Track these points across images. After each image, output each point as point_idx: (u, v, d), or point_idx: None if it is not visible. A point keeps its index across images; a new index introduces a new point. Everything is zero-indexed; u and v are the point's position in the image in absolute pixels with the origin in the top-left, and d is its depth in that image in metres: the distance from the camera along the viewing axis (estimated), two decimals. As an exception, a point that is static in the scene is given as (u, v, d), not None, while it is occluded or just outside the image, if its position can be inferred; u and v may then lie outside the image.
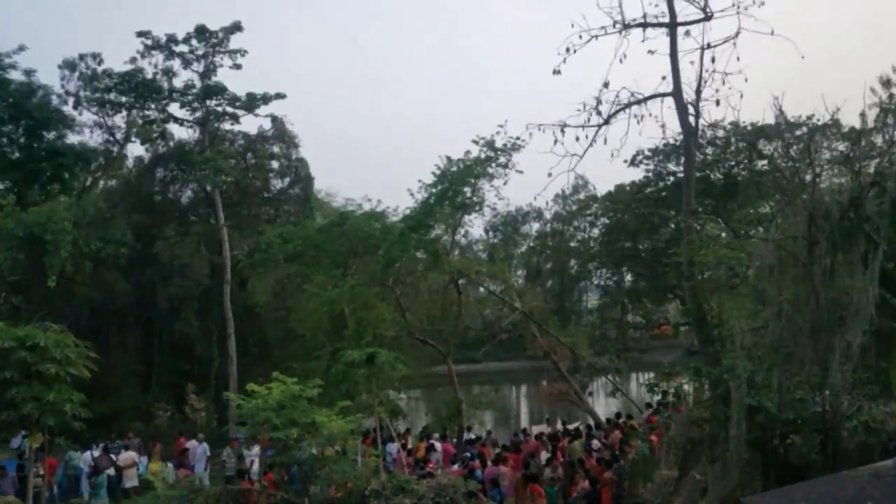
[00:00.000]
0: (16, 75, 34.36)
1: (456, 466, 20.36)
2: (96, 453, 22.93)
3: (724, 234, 27.45)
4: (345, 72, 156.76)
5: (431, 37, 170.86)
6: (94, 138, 37.88)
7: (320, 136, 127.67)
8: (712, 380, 15.42)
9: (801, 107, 37.63)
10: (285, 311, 33.37)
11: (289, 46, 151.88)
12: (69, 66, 37.08)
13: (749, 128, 35.96)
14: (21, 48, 34.38)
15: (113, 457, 23.23)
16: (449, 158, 27.97)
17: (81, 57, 37.11)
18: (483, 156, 27.54)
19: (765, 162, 37.15)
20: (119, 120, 38.21)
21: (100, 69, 37.15)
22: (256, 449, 22.97)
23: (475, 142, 27.53)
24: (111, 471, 22.92)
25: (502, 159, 27.63)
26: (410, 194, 28.70)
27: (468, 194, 28.47)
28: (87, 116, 37.58)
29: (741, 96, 19.70)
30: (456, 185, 27.72)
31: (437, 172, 27.83)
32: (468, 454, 21.97)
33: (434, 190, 27.75)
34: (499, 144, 27.29)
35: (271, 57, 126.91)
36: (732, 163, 40.92)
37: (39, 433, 14.74)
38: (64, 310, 29.20)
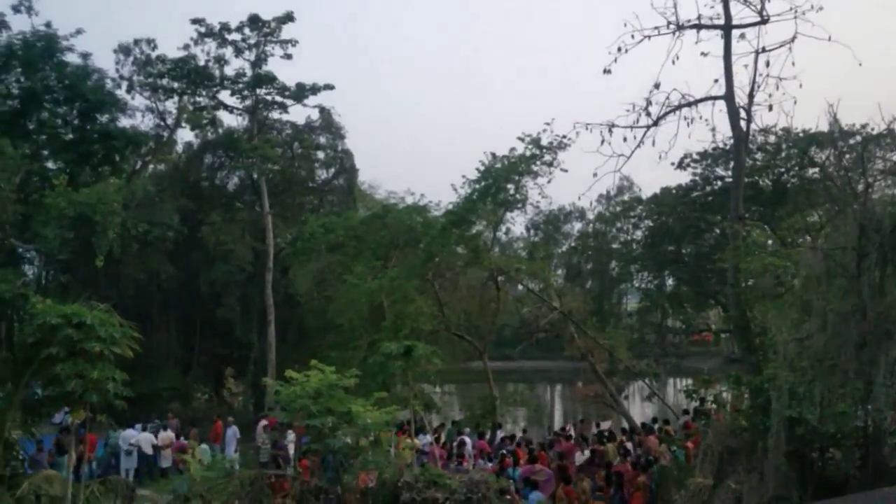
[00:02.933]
0: (72, 58, 35.02)
1: (490, 464, 20.35)
2: (135, 432, 23.40)
3: (771, 242, 27.02)
4: (394, 64, 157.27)
5: (489, 34, 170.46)
6: (145, 122, 38.48)
7: (367, 128, 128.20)
8: (753, 389, 15.21)
9: (855, 115, 36.85)
10: (325, 301, 33.65)
11: (340, 36, 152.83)
12: (124, 50, 37.71)
13: (801, 134, 35.35)
14: (78, 31, 34.94)
15: (151, 436, 23.72)
16: (493, 154, 27.95)
17: (136, 42, 37.73)
18: (528, 153, 27.44)
19: (816, 170, 36.45)
20: (170, 105, 38.77)
21: (153, 55, 37.76)
22: (292, 435, 23.20)
23: (521, 139, 27.45)
24: (149, 449, 23.41)
25: (547, 157, 27.52)
26: (453, 189, 28.75)
27: (511, 191, 28.40)
28: (139, 101, 38.18)
29: (795, 102, 19.33)
30: (499, 182, 27.64)
31: (482, 168, 27.80)
32: (503, 451, 21.95)
33: (477, 186, 27.72)
34: (544, 142, 27.18)
35: (323, 45, 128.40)
36: (783, 169, 40.15)
37: (82, 409, 15.01)
38: (110, 289, 29.74)
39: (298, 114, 54.40)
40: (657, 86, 19.92)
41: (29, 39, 34.03)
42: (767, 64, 19.69)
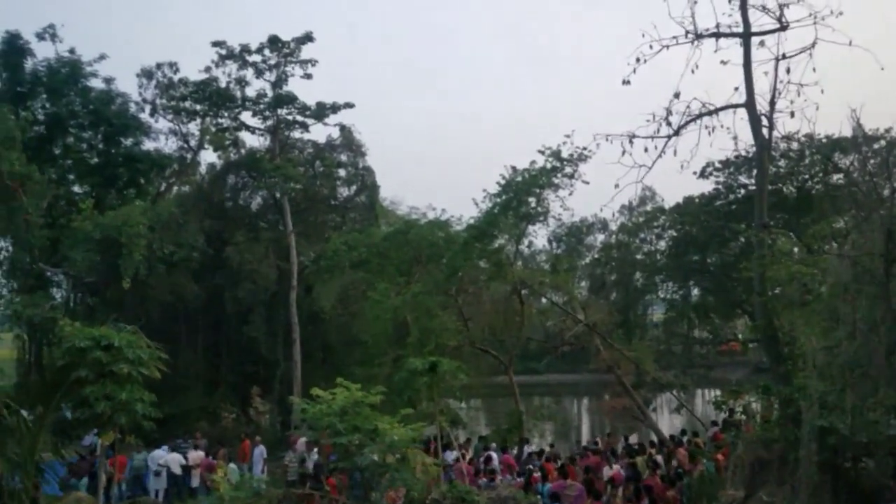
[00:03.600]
0: (96, 83, 35.58)
1: (518, 479, 20.19)
2: (163, 452, 23.49)
3: (796, 250, 26.68)
4: (412, 78, 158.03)
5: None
6: (168, 145, 38.95)
7: (387, 145, 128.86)
8: (782, 399, 15.04)
9: (880, 119, 36.50)
10: (349, 318, 33.73)
11: (358, 53, 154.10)
12: (146, 74, 38.22)
13: (825, 140, 34.99)
14: (102, 57, 35.60)
15: (180, 456, 23.78)
16: (514, 168, 27.95)
17: (158, 66, 38.24)
18: (549, 166, 27.41)
19: (840, 176, 36.03)
20: (193, 127, 39.19)
21: (176, 78, 38.26)
22: (316, 456, 23.17)
23: (541, 151, 27.43)
24: (178, 470, 23.48)
25: (568, 169, 27.47)
26: (475, 203, 28.76)
27: (533, 204, 28.37)
28: (162, 124, 38.67)
29: (817, 108, 19.15)
30: (520, 195, 27.63)
31: (502, 182, 27.80)
32: (530, 466, 21.78)
33: (498, 199, 27.72)
34: (565, 154, 27.14)
35: (343, 63, 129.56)
36: (806, 176, 39.79)
37: (111, 431, 15.14)
38: (137, 311, 30.03)
39: (319, 132, 54.87)
40: (677, 95, 19.84)
41: (53, 66, 34.68)
42: (788, 71, 19.56)
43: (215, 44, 37.64)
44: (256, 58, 37.75)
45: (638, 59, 19.81)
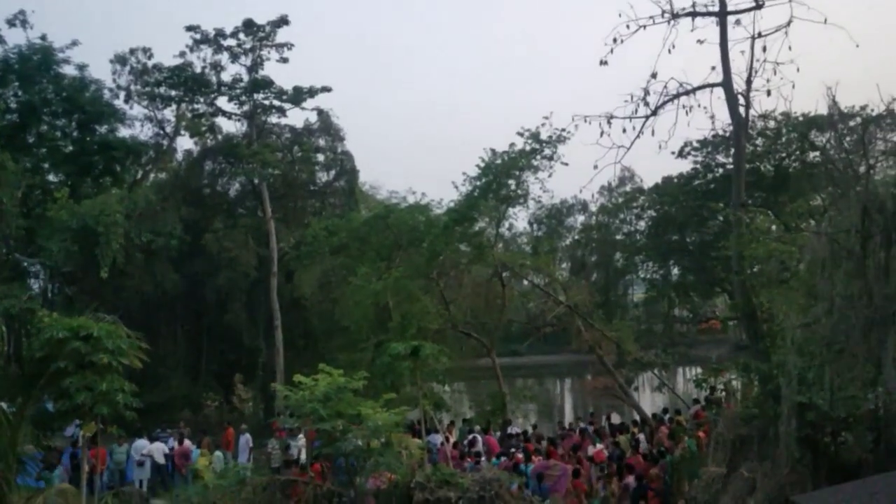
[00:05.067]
0: (69, 70, 35.07)
1: (501, 460, 20.32)
2: (146, 442, 23.38)
3: (774, 228, 26.94)
4: (389, 64, 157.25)
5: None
6: (144, 132, 38.51)
7: (365, 128, 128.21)
8: (762, 376, 15.21)
9: (855, 97, 36.78)
10: (330, 303, 33.63)
11: (335, 38, 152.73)
12: (120, 60, 37.74)
13: (801, 118, 35.23)
14: (74, 43, 35.02)
15: (164, 446, 23.68)
16: (493, 151, 27.90)
17: (132, 51, 37.76)
18: (528, 148, 27.40)
19: (817, 153, 36.39)
20: (169, 113, 38.83)
21: (150, 63, 37.81)
22: (302, 440, 23.18)
23: (520, 134, 27.42)
24: (161, 459, 23.39)
25: (547, 151, 27.49)
26: (454, 187, 28.72)
27: (512, 187, 28.38)
28: (137, 110, 38.22)
29: (793, 86, 19.39)
30: (500, 178, 27.62)
31: (482, 165, 27.77)
32: (513, 448, 21.91)
33: (478, 182, 27.69)
34: (544, 136, 27.14)
35: (319, 48, 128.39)
36: (783, 154, 40.07)
37: (92, 423, 15.04)
38: (116, 300, 29.76)
39: (297, 117, 54.47)
40: (654, 75, 20.01)
41: (25, 53, 34.13)
42: (764, 49, 19.75)
43: (189, 28, 37.16)
44: (231, 42, 37.34)
45: (615, 40, 19.88)
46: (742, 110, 20.42)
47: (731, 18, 20.09)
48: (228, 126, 39.85)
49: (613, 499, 18.18)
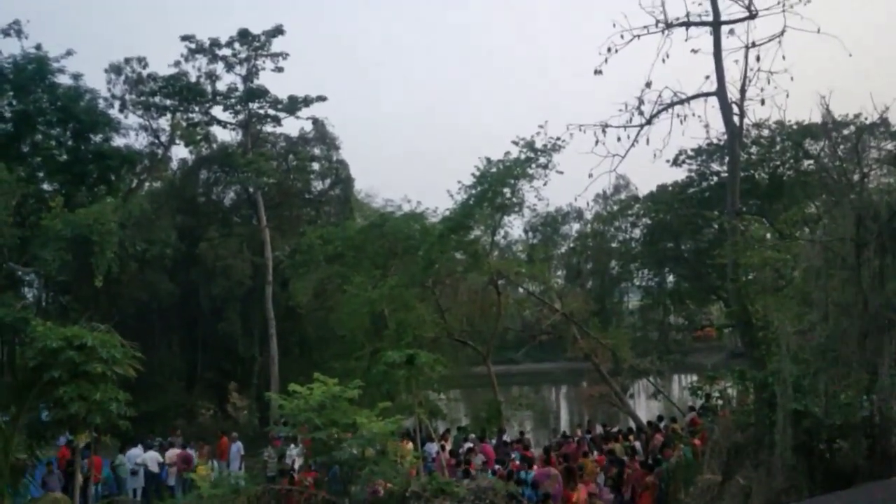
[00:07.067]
0: (64, 79, 35.03)
1: (496, 468, 20.26)
2: (138, 451, 23.27)
3: (769, 236, 26.99)
4: (384, 72, 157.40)
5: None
6: (139, 141, 38.53)
7: (361, 137, 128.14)
8: (757, 383, 15.18)
9: (848, 105, 36.88)
10: (326, 312, 33.60)
11: (330, 47, 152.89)
12: (115, 70, 37.80)
13: (795, 127, 35.31)
14: (69, 53, 34.99)
15: (157, 454, 23.57)
16: (488, 160, 27.92)
17: (127, 61, 37.83)
18: (523, 157, 27.44)
19: (811, 162, 36.48)
20: (163, 123, 38.88)
21: (145, 73, 37.89)
22: (299, 448, 23.07)
23: (515, 143, 27.46)
24: (155, 468, 23.30)
25: (542, 160, 27.52)
26: (450, 195, 28.74)
27: (508, 195, 28.39)
28: (132, 119, 38.25)
29: (787, 95, 19.45)
30: (495, 187, 27.64)
31: (477, 174, 27.79)
32: (512, 456, 21.85)
33: (473, 191, 27.71)
34: (539, 145, 27.18)
35: (315, 57, 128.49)
36: (778, 163, 40.19)
37: (86, 432, 15.00)
38: (110, 309, 29.75)
39: (292, 126, 54.54)
40: (649, 84, 20.06)
41: (19, 62, 34.07)
42: (758, 59, 19.83)
43: (184, 38, 37.29)
44: (226, 51, 37.51)
45: (609, 49, 19.95)
46: (736, 119, 20.50)
47: (724, 28, 20.17)
48: (223, 135, 40.04)
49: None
